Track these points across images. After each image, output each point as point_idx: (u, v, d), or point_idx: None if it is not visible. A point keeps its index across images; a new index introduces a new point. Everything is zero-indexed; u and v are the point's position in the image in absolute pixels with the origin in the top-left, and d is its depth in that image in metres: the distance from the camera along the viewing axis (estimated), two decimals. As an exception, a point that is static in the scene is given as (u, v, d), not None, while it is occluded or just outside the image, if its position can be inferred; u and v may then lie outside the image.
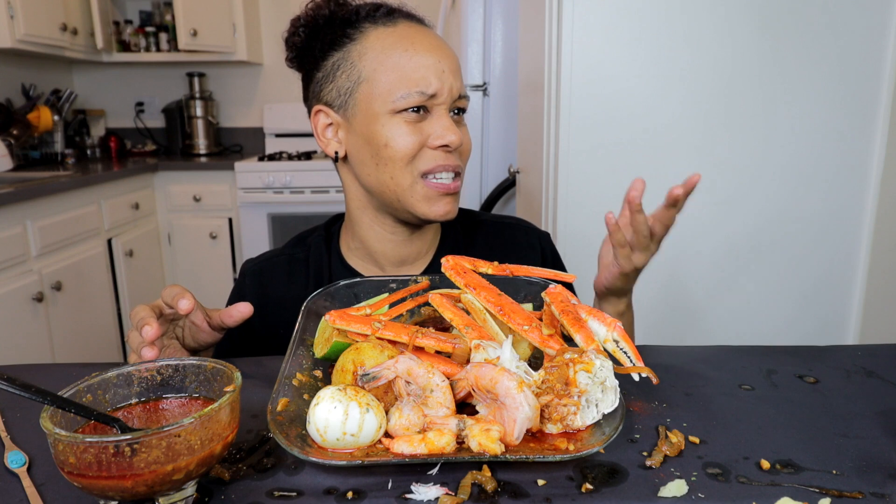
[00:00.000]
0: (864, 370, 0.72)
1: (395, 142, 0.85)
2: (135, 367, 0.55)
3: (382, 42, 0.85)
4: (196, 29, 3.31)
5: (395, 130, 0.84)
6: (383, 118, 0.85)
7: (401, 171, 0.86)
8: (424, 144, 0.86)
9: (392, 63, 0.84)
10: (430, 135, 0.86)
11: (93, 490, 0.45)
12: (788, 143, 1.47)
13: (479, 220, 1.04)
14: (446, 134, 0.85)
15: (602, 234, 0.89)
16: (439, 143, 0.85)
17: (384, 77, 0.84)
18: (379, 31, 0.86)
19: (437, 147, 0.86)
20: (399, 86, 0.84)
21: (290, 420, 0.55)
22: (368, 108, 0.85)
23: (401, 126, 0.84)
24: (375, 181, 0.88)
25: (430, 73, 0.84)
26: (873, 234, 1.51)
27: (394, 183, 0.87)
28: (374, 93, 0.85)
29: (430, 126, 0.86)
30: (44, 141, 3.32)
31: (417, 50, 0.85)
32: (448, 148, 0.86)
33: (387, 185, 0.87)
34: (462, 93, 0.89)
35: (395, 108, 0.84)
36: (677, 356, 0.77)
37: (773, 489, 0.50)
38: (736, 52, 1.42)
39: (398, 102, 0.84)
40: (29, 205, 2.35)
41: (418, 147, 0.85)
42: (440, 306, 0.66)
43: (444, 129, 0.85)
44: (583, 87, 1.45)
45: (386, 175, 0.87)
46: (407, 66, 0.84)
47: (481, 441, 0.51)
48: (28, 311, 2.32)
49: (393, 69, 0.84)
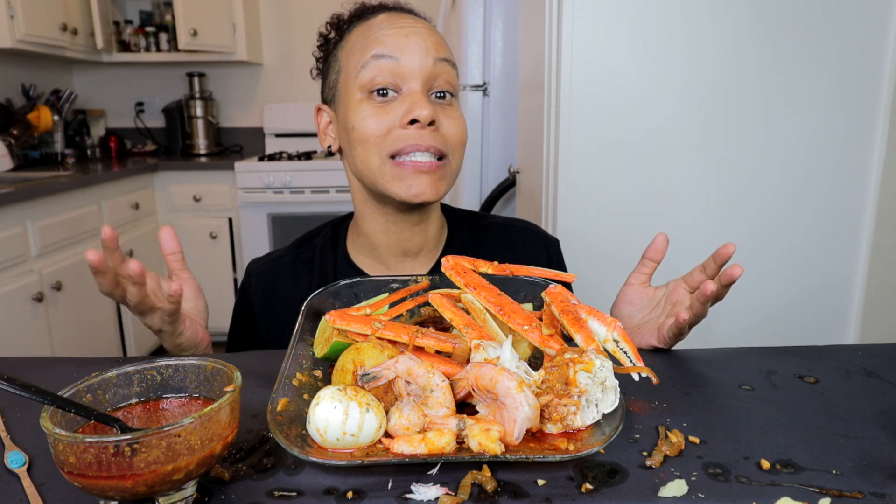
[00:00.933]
0: (864, 370, 0.72)
1: (360, 124, 0.84)
2: (135, 366, 0.55)
3: (358, 31, 0.88)
4: (196, 29, 3.31)
5: (360, 113, 0.84)
6: (353, 103, 0.85)
7: (369, 153, 0.85)
8: (394, 126, 0.83)
9: (359, 44, 0.86)
10: (402, 114, 0.83)
11: (93, 490, 0.45)
12: (788, 143, 1.47)
13: (487, 222, 1.03)
14: (414, 108, 0.82)
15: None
16: (408, 118, 0.82)
17: (352, 57, 0.86)
18: (359, 26, 0.89)
19: (406, 125, 0.82)
20: (360, 56, 0.84)
21: (290, 420, 0.55)
22: (345, 95, 0.87)
23: (366, 108, 0.84)
24: (355, 168, 0.89)
25: (389, 40, 0.83)
26: (873, 234, 1.51)
27: (364, 165, 0.86)
28: (347, 77, 0.87)
29: (401, 105, 0.83)
30: (44, 141, 3.32)
31: (382, 26, 0.85)
32: (419, 124, 0.82)
33: (360, 170, 0.88)
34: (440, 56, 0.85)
35: (362, 86, 0.84)
36: (677, 356, 0.77)
37: (773, 489, 0.50)
38: (736, 52, 1.42)
39: (362, 74, 0.83)
40: (29, 205, 2.35)
41: (385, 129, 0.83)
42: (440, 306, 0.66)
43: (414, 104, 0.82)
44: (583, 87, 1.45)
45: (357, 159, 0.87)
46: (369, 38, 0.85)
47: (481, 441, 0.51)
48: (28, 310, 2.32)
49: (359, 49, 0.85)
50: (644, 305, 0.85)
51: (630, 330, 0.84)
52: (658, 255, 0.84)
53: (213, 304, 0.85)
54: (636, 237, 1.52)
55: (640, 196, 1.50)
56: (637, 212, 1.51)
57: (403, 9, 0.91)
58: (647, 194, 1.50)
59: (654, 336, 0.81)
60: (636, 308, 0.86)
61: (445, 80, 0.86)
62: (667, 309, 0.82)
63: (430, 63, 0.84)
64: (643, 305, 0.85)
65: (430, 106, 0.82)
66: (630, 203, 1.51)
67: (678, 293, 0.82)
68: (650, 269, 0.86)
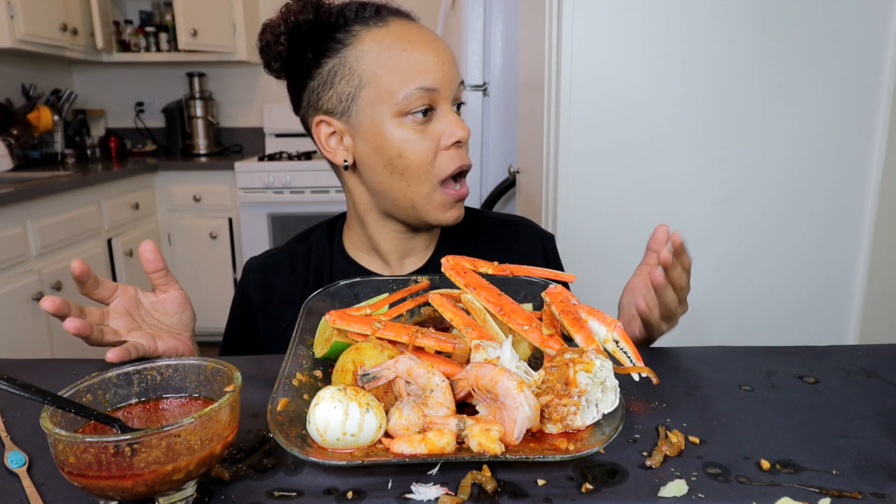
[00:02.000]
0: (864, 370, 0.72)
1: (409, 152, 0.83)
2: (135, 366, 0.55)
3: (378, 43, 0.83)
4: (196, 29, 3.31)
5: (406, 138, 0.83)
6: (390, 124, 0.83)
7: (418, 181, 0.85)
8: (438, 147, 0.85)
9: (392, 63, 0.83)
10: (441, 134, 0.85)
11: (93, 490, 0.45)
12: (788, 143, 1.47)
13: (483, 217, 1.04)
14: (456, 130, 0.84)
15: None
16: (452, 140, 0.84)
17: (385, 79, 0.82)
18: (373, 33, 0.84)
19: (450, 146, 0.85)
20: (401, 85, 0.82)
21: (290, 420, 0.55)
22: (373, 112, 0.83)
23: (411, 133, 0.83)
24: (389, 188, 0.87)
25: (430, 68, 0.83)
26: (873, 234, 1.51)
27: (411, 191, 0.86)
28: (376, 96, 0.83)
29: (439, 125, 0.85)
30: (44, 141, 3.32)
31: (415, 47, 0.84)
32: (459, 144, 0.86)
33: (402, 193, 0.86)
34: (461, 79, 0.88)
35: (400, 110, 0.82)
36: (677, 356, 0.77)
37: (773, 489, 0.50)
38: (736, 52, 1.42)
39: (402, 103, 0.82)
40: (29, 205, 2.35)
41: (433, 152, 0.84)
42: (440, 306, 0.66)
43: (453, 126, 0.85)
44: (583, 87, 1.45)
45: (402, 184, 0.86)
46: (406, 63, 0.83)
47: (481, 441, 0.51)
48: (28, 310, 2.32)
49: (393, 69, 0.82)
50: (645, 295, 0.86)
51: (629, 319, 0.86)
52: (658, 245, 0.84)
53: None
54: (636, 237, 1.51)
55: (640, 196, 1.50)
56: (637, 212, 1.51)
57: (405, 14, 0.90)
58: (647, 194, 1.50)
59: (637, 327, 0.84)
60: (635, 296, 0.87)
61: (461, 94, 0.90)
62: None
63: (457, 86, 0.87)
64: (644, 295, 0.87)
65: (465, 125, 0.86)
66: (630, 203, 1.51)
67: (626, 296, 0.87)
68: (654, 259, 0.86)
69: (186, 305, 0.83)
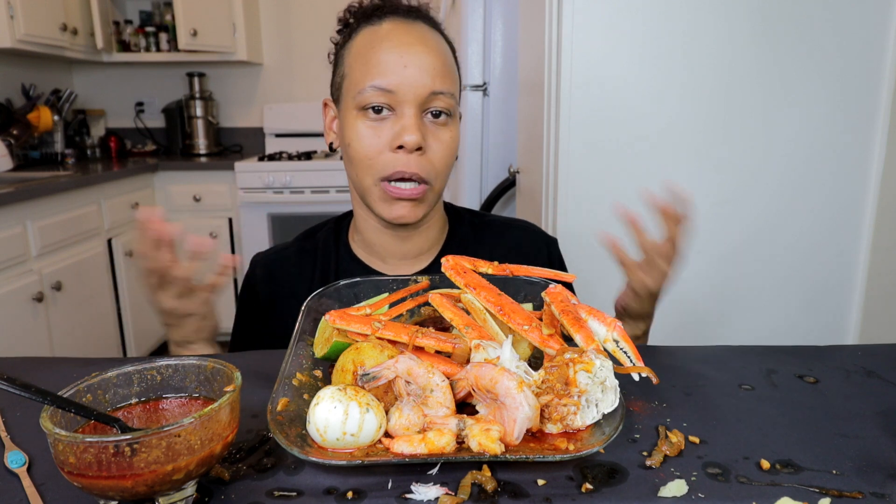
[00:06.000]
0: (864, 370, 0.72)
1: (356, 143, 0.86)
2: (135, 366, 0.55)
3: (364, 39, 0.87)
4: (196, 29, 3.31)
5: (357, 131, 0.86)
6: (351, 115, 0.86)
7: (363, 172, 0.87)
8: (384, 149, 0.85)
9: (362, 59, 0.86)
10: (392, 136, 0.84)
11: (93, 490, 0.45)
12: (788, 142, 1.47)
13: (487, 221, 1.04)
14: (402, 133, 0.83)
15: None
16: (396, 143, 0.83)
17: (354, 72, 0.86)
18: (366, 29, 0.88)
19: (395, 149, 0.84)
20: (361, 80, 0.85)
21: (290, 420, 0.55)
22: (345, 102, 0.88)
23: (362, 127, 0.85)
24: (350, 176, 0.92)
25: (388, 68, 0.83)
26: (873, 234, 1.51)
27: (357, 181, 0.89)
28: (348, 88, 0.87)
29: (394, 127, 0.84)
30: (44, 141, 3.32)
31: (384, 47, 0.85)
32: (405, 149, 0.83)
33: (354, 183, 0.91)
34: (437, 90, 0.84)
35: (358, 104, 0.85)
36: (677, 356, 0.77)
37: (773, 489, 0.50)
38: (736, 52, 1.42)
39: (358, 97, 0.85)
40: (29, 205, 2.35)
41: (376, 151, 0.85)
42: (440, 306, 0.66)
43: (401, 129, 0.83)
44: (583, 87, 1.45)
45: (353, 173, 0.90)
46: (371, 60, 0.85)
47: (481, 441, 0.51)
48: (28, 310, 2.32)
49: (361, 65, 0.85)
50: None
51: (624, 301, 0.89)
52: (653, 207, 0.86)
53: (214, 304, 0.85)
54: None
55: (640, 196, 1.50)
56: (637, 212, 1.50)
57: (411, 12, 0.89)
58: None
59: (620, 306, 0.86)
60: None
61: (443, 103, 0.86)
62: None
63: (426, 94, 0.84)
64: None
65: (418, 132, 0.83)
66: (630, 203, 1.51)
67: None
68: None
69: None
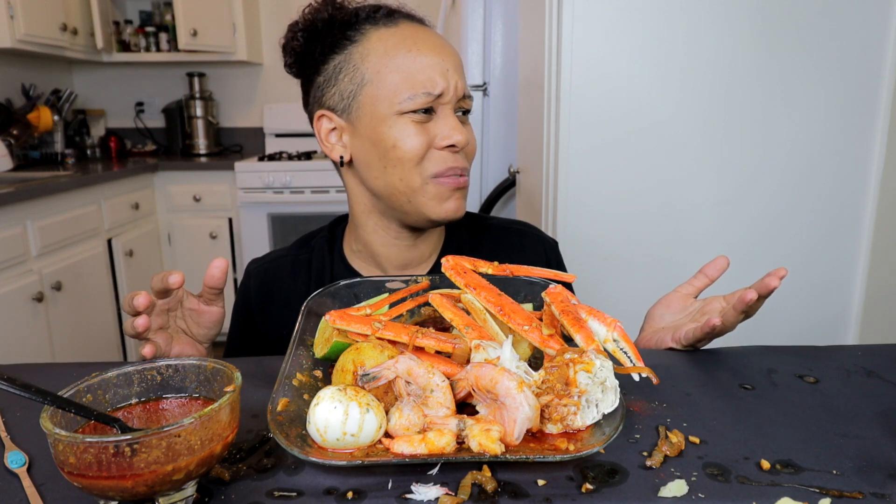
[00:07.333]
0: (864, 370, 0.72)
1: (403, 142, 0.84)
2: (135, 366, 0.55)
3: (385, 43, 0.85)
4: (196, 29, 3.31)
5: (402, 131, 0.84)
6: (390, 120, 0.84)
7: (409, 173, 0.85)
8: (431, 145, 0.85)
9: (396, 64, 0.84)
10: (437, 135, 0.85)
11: (93, 490, 0.45)
12: (788, 142, 1.47)
13: (486, 224, 1.03)
14: (453, 134, 0.85)
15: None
16: (446, 143, 0.85)
17: (389, 78, 0.84)
18: (381, 33, 0.86)
19: (443, 147, 0.86)
20: (404, 87, 0.83)
21: (290, 420, 0.55)
22: (374, 110, 0.85)
23: (408, 126, 0.84)
24: (384, 184, 0.87)
25: (435, 73, 0.84)
26: (873, 234, 1.51)
27: (403, 184, 0.86)
28: (378, 95, 0.84)
29: (437, 126, 0.86)
30: (44, 141, 3.32)
31: (421, 50, 0.84)
32: (454, 148, 0.86)
33: (396, 188, 0.87)
34: (466, 92, 0.88)
35: (401, 110, 0.84)
36: (677, 356, 0.77)
37: (773, 489, 0.50)
38: (736, 52, 1.42)
39: (405, 104, 0.83)
40: (29, 205, 2.35)
41: (426, 148, 0.85)
42: (440, 306, 0.66)
43: (451, 129, 0.85)
44: (583, 87, 1.45)
45: (395, 177, 0.86)
46: (412, 66, 0.84)
47: (481, 441, 0.51)
48: (28, 311, 2.32)
49: (397, 70, 0.83)
50: (677, 311, 0.87)
51: (654, 331, 0.86)
52: (715, 273, 0.86)
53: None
54: (636, 237, 1.52)
55: (640, 196, 1.50)
56: (637, 212, 1.51)
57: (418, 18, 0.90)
58: (647, 194, 1.50)
59: (669, 335, 0.82)
60: (669, 311, 0.87)
61: (469, 104, 0.90)
62: (696, 317, 0.83)
63: (462, 87, 0.88)
64: (676, 311, 0.87)
65: (464, 131, 0.87)
66: (630, 203, 1.51)
67: (713, 304, 0.84)
68: (702, 283, 0.88)
69: (219, 324, 0.84)
